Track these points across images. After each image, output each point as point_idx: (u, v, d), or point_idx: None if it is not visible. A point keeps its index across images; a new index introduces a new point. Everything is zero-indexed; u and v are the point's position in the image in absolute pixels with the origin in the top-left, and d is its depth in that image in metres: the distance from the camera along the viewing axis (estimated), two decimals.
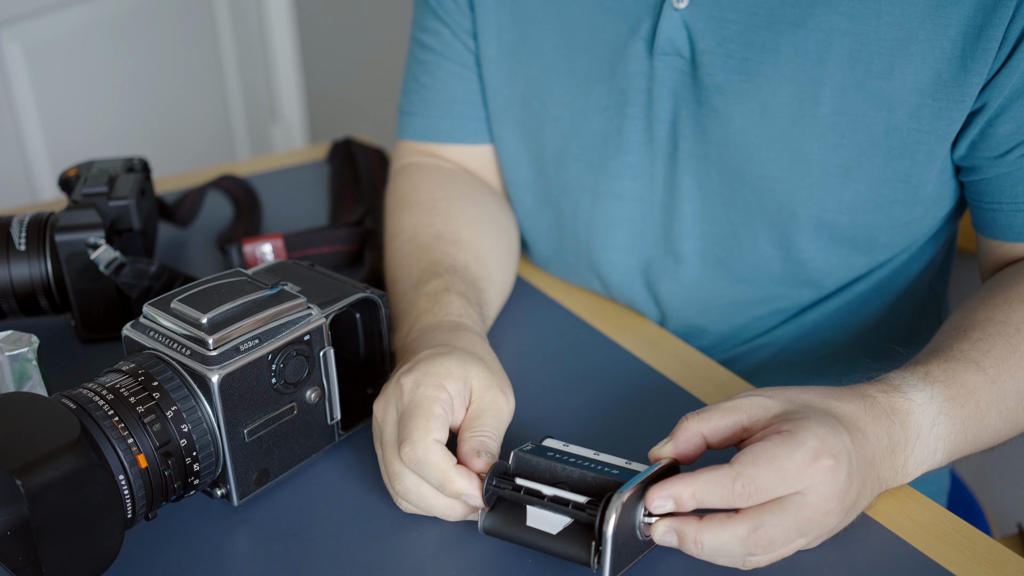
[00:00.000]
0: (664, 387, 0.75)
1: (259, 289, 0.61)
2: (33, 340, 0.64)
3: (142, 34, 2.19)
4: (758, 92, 0.72)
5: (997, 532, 1.10)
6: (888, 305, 0.83)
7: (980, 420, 0.61)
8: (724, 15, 0.72)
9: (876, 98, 0.69)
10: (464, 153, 0.89)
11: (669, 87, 0.76)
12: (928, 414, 0.60)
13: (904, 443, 0.59)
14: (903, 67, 0.68)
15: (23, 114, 1.92)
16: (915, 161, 0.71)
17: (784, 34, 0.70)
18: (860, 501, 0.57)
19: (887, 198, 0.73)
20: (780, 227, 0.76)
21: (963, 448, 0.62)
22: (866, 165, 0.72)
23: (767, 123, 0.72)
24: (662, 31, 0.74)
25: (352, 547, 0.60)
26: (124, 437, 0.55)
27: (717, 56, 0.73)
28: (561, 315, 0.86)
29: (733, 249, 0.79)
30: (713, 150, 0.76)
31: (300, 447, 0.64)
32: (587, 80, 0.80)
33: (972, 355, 0.62)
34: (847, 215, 0.74)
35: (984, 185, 0.71)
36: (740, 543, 0.53)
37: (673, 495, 0.53)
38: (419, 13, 0.88)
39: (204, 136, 2.45)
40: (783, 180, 0.74)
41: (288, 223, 1.01)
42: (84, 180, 0.82)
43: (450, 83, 0.86)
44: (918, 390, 0.60)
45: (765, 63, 0.71)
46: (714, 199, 0.77)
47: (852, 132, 0.71)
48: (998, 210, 0.71)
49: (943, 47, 0.66)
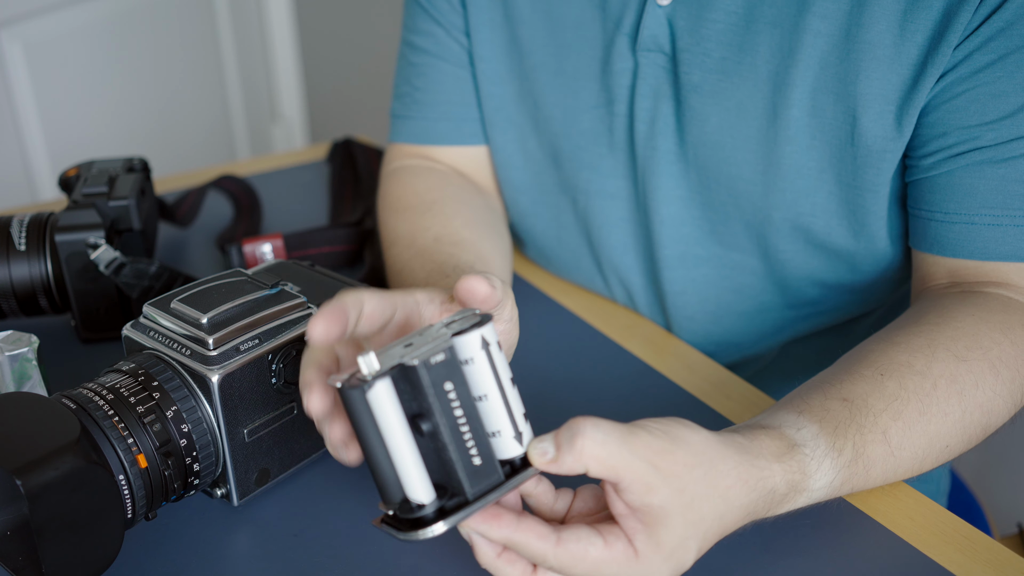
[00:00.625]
0: (664, 387, 0.75)
1: (259, 289, 0.61)
2: (33, 340, 0.64)
3: (142, 34, 2.20)
4: (735, 92, 0.72)
5: (997, 532, 1.10)
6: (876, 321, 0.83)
7: (865, 482, 0.59)
8: (705, 13, 0.72)
9: (844, 101, 0.68)
10: (459, 155, 0.89)
11: (650, 84, 0.76)
12: (818, 495, 0.57)
13: (777, 508, 0.56)
14: (870, 71, 0.67)
15: (23, 114, 1.92)
16: (881, 170, 0.69)
17: (761, 34, 0.70)
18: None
19: (859, 206, 0.72)
20: (756, 227, 0.76)
21: (826, 499, 0.59)
22: (837, 169, 0.71)
23: (743, 123, 0.72)
24: (645, 26, 0.74)
25: (352, 547, 0.60)
26: (124, 437, 0.55)
27: (695, 55, 0.73)
28: (561, 315, 0.86)
29: (714, 248, 0.79)
30: (690, 150, 0.76)
31: (300, 447, 0.64)
32: (576, 79, 0.80)
33: (882, 421, 0.58)
34: (821, 218, 0.73)
35: (914, 188, 0.70)
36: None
37: (488, 534, 0.50)
38: (410, 16, 0.87)
39: (204, 136, 2.45)
40: (757, 181, 0.74)
41: (288, 223, 1.01)
42: (84, 180, 0.82)
43: (446, 84, 0.86)
44: (824, 474, 0.56)
45: (742, 63, 0.71)
46: (693, 199, 0.77)
47: (823, 135, 0.70)
48: (917, 216, 0.70)
49: (910, 53, 0.65)
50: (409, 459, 0.48)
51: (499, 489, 0.50)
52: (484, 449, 0.49)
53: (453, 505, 0.49)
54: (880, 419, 0.58)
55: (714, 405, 0.73)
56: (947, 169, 0.67)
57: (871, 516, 0.62)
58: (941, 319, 0.64)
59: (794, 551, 0.59)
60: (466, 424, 0.49)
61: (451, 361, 0.49)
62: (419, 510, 0.48)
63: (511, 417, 0.50)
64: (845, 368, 0.63)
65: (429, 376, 0.48)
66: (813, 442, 0.56)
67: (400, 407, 0.48)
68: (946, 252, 0.68)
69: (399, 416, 0.48)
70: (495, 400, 0.49)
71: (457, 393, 0.49)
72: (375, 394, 0.47)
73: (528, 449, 0.50)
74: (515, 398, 0.50)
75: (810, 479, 0.56)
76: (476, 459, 0.49)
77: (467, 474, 0.49)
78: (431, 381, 0.48)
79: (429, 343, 0.48)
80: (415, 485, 0.48)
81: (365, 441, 0.48)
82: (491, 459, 0.50)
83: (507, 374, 0.50)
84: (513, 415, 0.50)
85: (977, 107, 0.64)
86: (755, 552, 0.59)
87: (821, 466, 0.56)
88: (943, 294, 0.69)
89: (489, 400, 0.49)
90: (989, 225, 0.66)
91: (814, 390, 0.61)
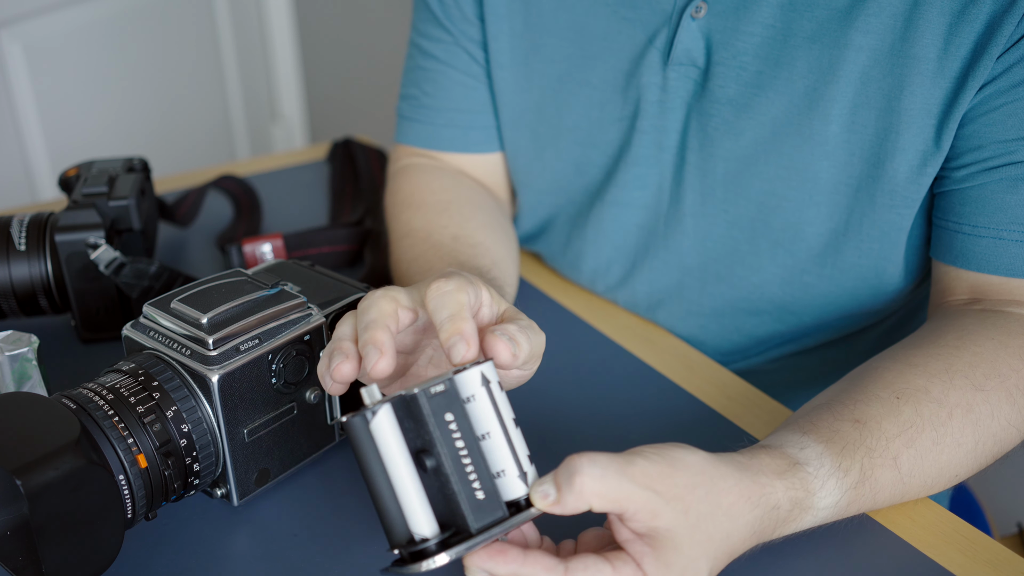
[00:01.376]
0: (664, 387, 0.75)
1: (259, 289, 0.61)
2: (33, 340, 0.64)
3: (142, 34, 2.19)
4: (770, 107, 0.71)
5: (997, 532, 1.10)
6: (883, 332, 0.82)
7: (872, 504, 0.59)
8: (741, 27, 0.71)
9: (886, 117, 0.67)
10: (464, 161, 0.88)
11: (682, 98, 0.75)
12: (824, 515, 0.57)
13: (783, 528, 0.56)
14: (914, 86, 0.66)
15: (23, 114, 1.92)
16: (921, 185, 0.68)
17: (799, 48, 0.69)
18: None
19: (893, 224, 0.71)
20: (785, 245, 0.75)
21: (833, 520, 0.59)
22: (873, 185, 0.70)
23: (777, 139, 0.71)
24: (680, 41, 0.73)
25: (352, 547, 0.60)
26: (124, 437, 0.55)
27: (731, 68, 0.71)
28: (561, 315, 0.86)
29: (735, 267, 0.78)
30: (720, 164, 0.74)
31: (300, 447, 0.64)
32: (603, 90, 0.79)
33: (894, 447, 0.58)
34: (854, 237, 0.72)
35: (943, 200, 0.69)
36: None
37: (495, 571, 0.49)
38: (420, 19, 0.87)
39: (204, 136, 2.45)
40: (790, 197, 0.72)
41: (288, 223, 1.01)
42: (84, 180, 0.82)
43: (454, 92, 0.85)
44: (828, 493, 0.56)
45: (778, 78, 0.70)
46: (717, 215, 0.77)
47: (861, 151, 0.69)
48: (944, 228, 0.69)
49: (953, 66, 0.64)
50: (411, 490, 0.48)
51: (503, 524, 0.49)
52: (487, 484, 0.50)
53: (457, 540, 0.49)
54: (892, 444, 0.58)
55: (714, 405, 0.73)
56: (980, 182, 0.66)
57: (871, 516, 0.62)
58: (961, 342, 0.63)
59: (794, 551, 0.59)
60: (468, 457, 0.49)
61: (451, 393, 0.49)
62: (422, 543, 0.48)
63: (515, 456, 0.50)
64: (858, 387, 0.62)
65: (429, 405, 0.48)
66: (817, 461, 0.56)
67: (403, 440, 0.49)
68: (971, 266, 0.67)
69: (401, 447, 0.48)
70: (498, 438, 0.49)
71: (459, 425, 0.49)
72: (377, 422, 0.48)
73: (531, 492, 0.50)
74: (519, 438, 0.50)
75: (814, 496, 0.55)
76: (479, 493, 0.49)
77: (470, 507, 0.49)
78: (431, 410, 0.48)
79: (430, 379, 0.49)
80: (418, 517, 0.49)
81: (369, 475, 0.49)
82: (495, 494, 0.50)
83: (509, 414, 0.50)
84: (517, 454, 0.50)
85: (1015, 121, 0.64)
86: (755, 552, 0.59)
87: (825, 485, 0.56)
88: (963, 312, 0.68)
89: (492, 438, 0.49)
90: (1017, 241, 0.65)
91: (823, 409, 0.60)
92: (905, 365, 0.63)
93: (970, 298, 0.69)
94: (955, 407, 0.60)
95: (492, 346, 0.53)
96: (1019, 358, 0.62)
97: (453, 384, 0.49)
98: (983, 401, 0.60)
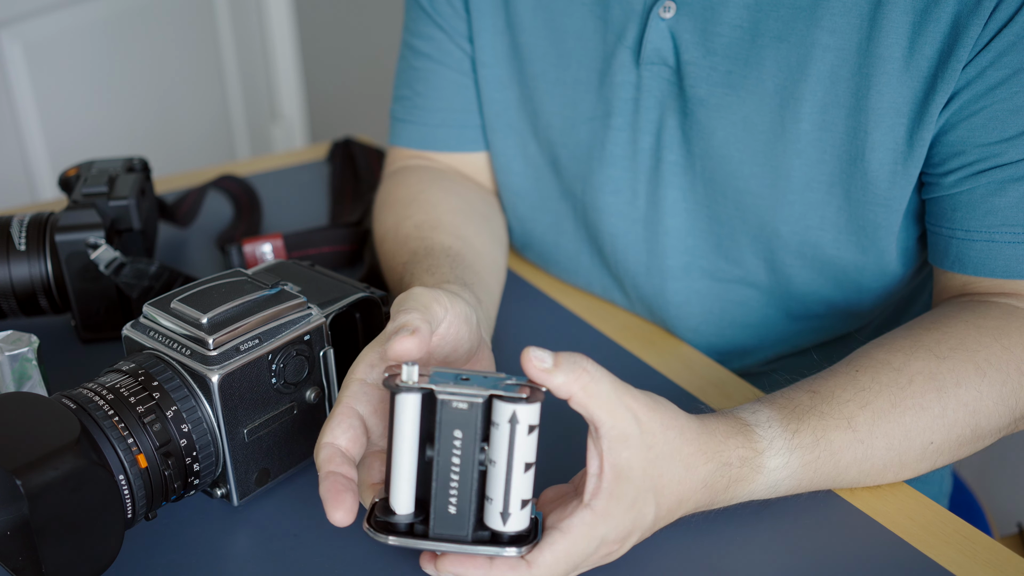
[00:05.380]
0: (664, 387, 0.75)
1: (259, 289, 0.61)
2: (33, 340, 0.64)
3: (142, 34, 2.19)
4: (741, 106, 0.71)
5: (997, 532, 1.10)
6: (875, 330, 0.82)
7: (835, 477, 0.60)
8: (709, 27, 0.71)
9: (856, 115, 0.68)
10: (459, 161, 0.88)
11: (656, 97, 0.75)
12: (777, 477, 0.59)
13: (736, 488, 0.58)
14: (881, 85, 0.66)
15: (23, 114, 1.92)
16: (894, 184, 0.69)
17: (767, 48, 0.69)
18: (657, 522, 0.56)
19: (869, 220, 0.71)
20: (763, 241, 0.75)
21: (800, 489, 0.61)
22: (847, 183, 0.70)
23: (749, 137, 0.72)
24: (648, 40, 0.73)
25: (352, 547, 0.60)
26: (124, 437, 0.55)
27: (701, 68, 0.72)
28: (561, 315, 0.86)
29: (719, 261, 0.78)
30: (697, 163, 0.75)
31: (300, 447, 0.64)
32: (576, 89, 0.79)
33: (848, 409, 0.60)
34: (830, 232, 0.73)
35: (934, 206, 0.69)
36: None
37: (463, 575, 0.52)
38: (412, 18, 0.87)
39: (204, 136, 2.45)
40: (764, 195, 0.73)
41: (288, 223, 1.01)
42: (84, 180, 0.82)
43: (447, 91, 0.85)
44: (776, 452, 0.58)
45: (748, 77, 0.70)
46: (699, 211, 0.77)
47: (833, 148, 0.69)
48: (938, 234, 0.69)
49: (920, 66, 0.65)
50: (404, 469, 0.51)
51: (459, 545, 0.52)
52: (463, 503, 0.52)
53: (421, 531, 0.52)
54: (846, 408, 0.60)
55: (714, 405, 0.73)
56: (968, 187, 0.66)
57: (871, 516, 0.62)
58: (934, 324, 0.65)
59: (794, 551, 0.59)
60: (457, 474, 0.51)
61: (470, 414, 0.50)
62: (392, 516, 0.52)
63: (506, 494, 0.51)
64: (827, 368, 0.64)
65: (443, 415, 0.50)
66: (766, 423, 0.59)
67: (419, 424, 0.51)
68: (967, 270, 0.68)
69: (413, 430, 0.51)
70: (500, 472, 0.51)
71: (463, 443, 0.51)
72: (400, 401, 0.50)
73: (527, 352, 0.50)
74: (522, 482, 0.51)
75: (762, 456, 0.58)
76: (451, 508, 0.52)
77: (437, 515, 0.52)
78: (443, 420, 0.50)
79: (473, 389, 0.50)
80: (399, 494, 0.52)
81: (388, 439, 0.52)
82: (466, 515, 0.52)
83: (524, 457, 0.51)
84: (509, 493, 0.51)
85: (996, 124, 0.64)
86: (755, 551, 0.59)
87: (772, 444, 0.58)
88: (949, 300, 0.69)
89: (496, 468, 0.51)
90: (1010, 243, 0.65)
91: (785, 385, 0.63)
92: (872, 345, 0.65)
93: (962, 293, 0.69)
94: (916, 374, 0.61)
95: (394, 351, 0.52)
96: (991, 336, 0.63)
97: (478, 408, 0.51)
98: (948, 370, 0.61)
